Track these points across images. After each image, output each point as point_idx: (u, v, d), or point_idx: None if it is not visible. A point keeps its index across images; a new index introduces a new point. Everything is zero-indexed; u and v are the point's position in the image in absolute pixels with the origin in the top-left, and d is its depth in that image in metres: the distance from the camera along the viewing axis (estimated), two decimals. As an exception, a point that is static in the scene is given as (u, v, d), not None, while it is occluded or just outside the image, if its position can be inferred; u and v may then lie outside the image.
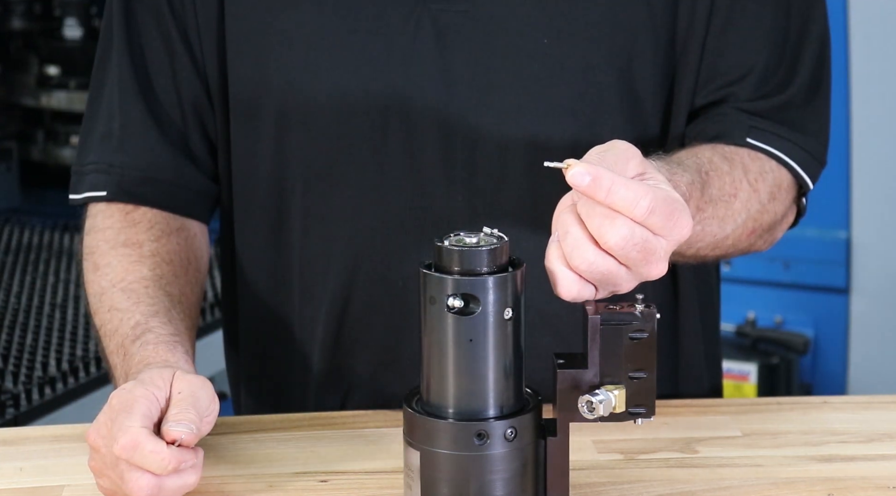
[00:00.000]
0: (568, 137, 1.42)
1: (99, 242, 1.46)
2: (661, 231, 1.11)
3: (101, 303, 1.41)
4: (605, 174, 1.09)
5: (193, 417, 1.18)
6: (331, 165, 1.44)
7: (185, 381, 1.22)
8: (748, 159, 1.43)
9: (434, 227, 1.41)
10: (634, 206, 1.10)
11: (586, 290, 1.13)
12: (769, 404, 1.43)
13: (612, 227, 1.10)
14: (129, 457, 1.16)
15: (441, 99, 1.41)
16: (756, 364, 3.24)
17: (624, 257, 1.11)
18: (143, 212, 1.48)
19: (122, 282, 1.41)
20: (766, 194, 1.42)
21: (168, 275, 1.43)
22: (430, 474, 1.13)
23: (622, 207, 1.10)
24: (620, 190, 1.09)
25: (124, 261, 1.43)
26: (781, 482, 1.26)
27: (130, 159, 1.48)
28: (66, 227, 3.32)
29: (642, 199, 1.10)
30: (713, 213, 1.36)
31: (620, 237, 1.10)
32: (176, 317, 1.38)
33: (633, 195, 1.10)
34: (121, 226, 1.47)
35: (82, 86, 3.68)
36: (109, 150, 1.49)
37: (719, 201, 1.37)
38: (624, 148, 1.16)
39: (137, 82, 1.48)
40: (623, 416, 1.15)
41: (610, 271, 1.12)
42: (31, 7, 3.87)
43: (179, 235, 1.48)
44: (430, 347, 1.12)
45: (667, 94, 1.46)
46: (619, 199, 1.10)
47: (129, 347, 1.34)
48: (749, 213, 1.40)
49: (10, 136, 3.77)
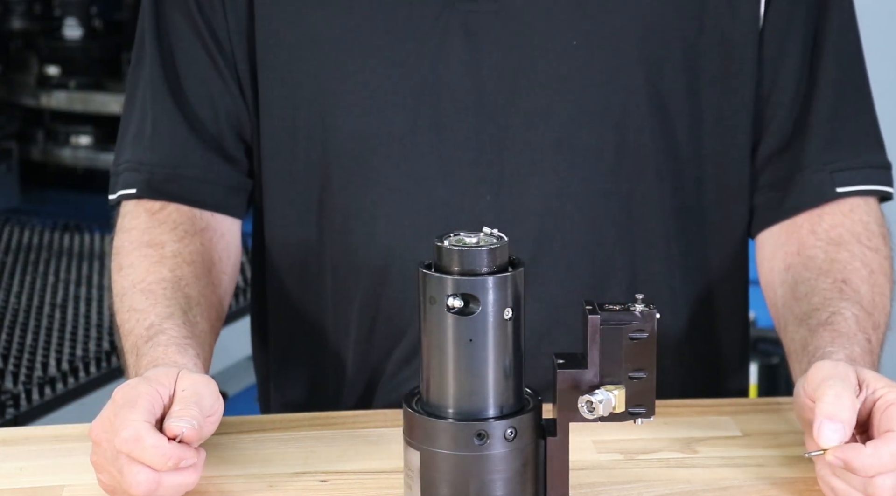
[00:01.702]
0: (595, 139, 1.43)
1: (124, 243, 1.47)
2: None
3: (122, 304, 1.42)
4: (858, 459, 1.15)
5: (196, 414, 1.19)
6: (361, 164, 1.45)
7: (190, 380, 1.22)
8: (849, 236, 1.45)
9: (463, 226, 1.42)
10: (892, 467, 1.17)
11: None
12: (769, 404, 1.43)
13: (882, 489, 1.17)
14: (129, 450, 1.16)
15: (470, 99, 1.42)
16: (756, 364, 3.23)
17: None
18: (169, 212, 1.49)
19: (142, 284, 1.42)
20: (882, 244, 1.46)
21: (188, 277, 1.44)
22: (430, 474, 1.13)
23: (887, 470, 1.16)
24: (877, 465, 1.16)
25: (145, 261, 1.44)
26: (781, 482, 1.26)
27: (159, 157, 1.50)
28: (66, 227, 3.32)
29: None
30: (880, 331, 1.40)
31: (891, 491, 1.17)
32: (191, 319, 1.39)
33: (891, 461, 1.16)
34: (145, 226, 1.48)
35: (82, 86, 3.69)
36: (140, 149, 1.50)
37: (877, 317, 1.40)
38: (843, 374, 1.21)
39: (167, 82, 1.50)
40: (623, 416, 1.15)
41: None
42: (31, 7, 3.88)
43: (204, 236, 1.49)
44: (429, 347, 1.12)
45: (698, 97, 1.46)
46: (879, 470, 1.16)
47: (141, 348, 1.35)
48: (888, 279, 1.44)
49: (10, 136, 3.77)
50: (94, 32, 3.82)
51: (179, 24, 1.50)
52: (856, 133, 1.49)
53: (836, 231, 1.46)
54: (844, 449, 1.16)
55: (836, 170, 1.47)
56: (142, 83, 1.52)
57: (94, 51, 3.73)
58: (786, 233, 1.48)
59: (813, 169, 1.47)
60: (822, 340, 1.34)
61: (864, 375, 1.22)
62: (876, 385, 1.21)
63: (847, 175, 1.48)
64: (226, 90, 1.50)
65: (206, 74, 1.50)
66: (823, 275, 1.42)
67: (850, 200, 1.47)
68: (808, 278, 1.43)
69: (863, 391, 1.21)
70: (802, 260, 1.45)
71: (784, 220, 1.48)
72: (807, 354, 1.35)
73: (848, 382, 1.19)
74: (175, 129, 1.50)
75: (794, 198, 1.48)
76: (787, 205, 1.48)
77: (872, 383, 1.21)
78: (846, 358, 1.31)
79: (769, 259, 1.49)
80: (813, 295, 1.41)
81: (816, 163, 1.47)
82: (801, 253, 1.46)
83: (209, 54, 1.49)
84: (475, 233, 1.13)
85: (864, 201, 1.48)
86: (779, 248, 1.48)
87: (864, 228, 1.46)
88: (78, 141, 3.72)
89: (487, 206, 1.43)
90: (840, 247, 1.44)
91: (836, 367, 1.21)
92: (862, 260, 1.43)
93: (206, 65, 1.49)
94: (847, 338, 1.34)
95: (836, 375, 1.20)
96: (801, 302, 1.42)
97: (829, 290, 1.40)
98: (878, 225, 1.47)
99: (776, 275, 1.47)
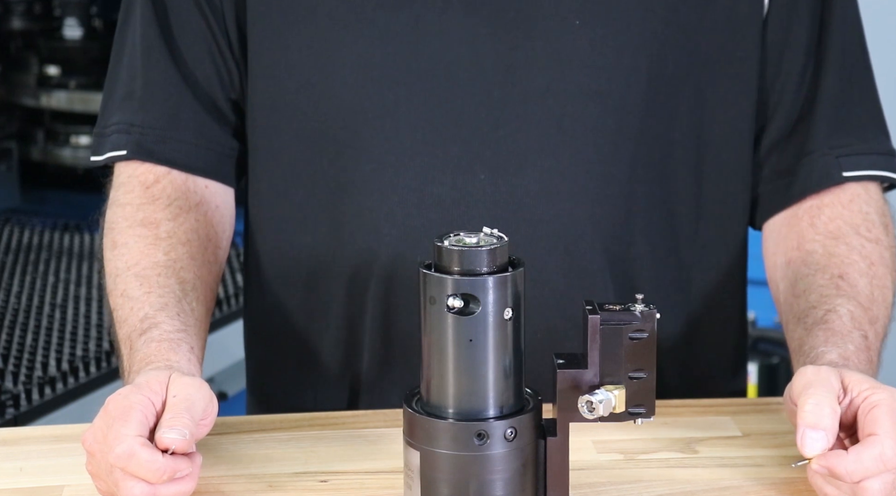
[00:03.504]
0: (594, 120, 1.41)
1: (118, 218, 1.45)
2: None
3: (115, 286, 1.41)
4: (841, 465, 1.16)
5: (187, 422, 1.18)
6: (353, 137, 1.43)
7: (181, 384, 1.21)
8: (848, 228, 1.45)
9: (455, 204, 1.41)
10: (881, 470, 1.16)
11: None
12: (769, 404, 1.43)
13: (870, 492, 1.17)
14: (124, 465, 1.16)
15: (467, 75, 1.41)
16: (756, 364, 3.23)
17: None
18: (163, 186, 1.46)
19: (137, 267, 1.40)
20: (883, 234, 1.45)
21: (184, 258, 1.42)
22: (430, 474, 1.13)
23: (872, 474, 1.16)
24: (860, 470, 1.16)
25: (140, 242, 1.42)
26: (781, 482, 1.26)
27: (152, 118, 1.47)
28: (66, 227, 3.32)
29: (882, 462, 1.16)
30: (879, 324, 1.39)
31: (879, 494, 1.17)
32: (186, 308, 1.38)
33: (874, 465, 1.16)
34: (140, 202, 1.45)
35: (82, 86, 3.68)
36: (131, 110, 1.48)
37: (875, 310, 1.40)
38: (824, 379, 1.21)
39: (163, 42, 1.47)
40: (623, 416, 1.15)
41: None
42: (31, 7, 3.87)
43: (199, 210, 1.47)
44: (430, 347, 1.12)
45: (699, 81, 1.45)
46: (863, 475, 1.16)
47: (135, 341, 1.34)
48: (890, 270, 1.44)
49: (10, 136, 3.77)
50: (94, 32, 3.81)
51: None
52: (862, 119, 1.49)
53: (834, 223, 1.45)
54: (828, 456, 1.16)
55: (842, 155, 1.47)
56: (129, 43, 1.49)
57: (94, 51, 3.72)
58: (787, 225, 1.48)
59: (819, 153, 1.47)
60: (816, 340, 1.34)
61: (849, 378, 1.22)
62: (860, 387, 1.20)
63: (854, 160, 1.47)
64: (218, 50, 1.48)
65: (202, 33, 1.47)
66: (821, 271, 1.42)
67: (849, 189, 1.46)
68: (807, 274, 1.42)
69: (847, 394, 1.21)
70: (802, 254, 1.44)
71: (790, 206, 1.48)
72: (802, 354, 1.35)
73: (829, 388, 1.19)
74: (169, 88, 1.47)
75: (801, 182, 1.47)
76: (794, 190, 1.47)
77: (857, 385, 1.21)
78: (839, 357, 1.31)
79: (772, 253, 1.49)
80: (810, 292, 1.40)
81: (823, 147, 1.47)
82: (800, 247, 1.45)
83: (202, 13, 1.47)
84: (475, 233, 1.12)
85: (864, 189, 1.47)
86: (780, 241, 1.48)
87: (863, 219, 1.45)
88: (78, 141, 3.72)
89: (481, 185, 1.41)
90: (838, 240, 1.43)
91: (819, 373, 1.21)
92: (860, 252, 1.42)
93: (201, 23, 1.47)
94: (841, 337, 1.34)
95: (817, 382, 1.20)
96: (799, 299, 1.41)
97: (825, 287, 1.40)
98: (880, 214, 1.46)
99: (778, 271, 1.47)
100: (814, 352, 1.33)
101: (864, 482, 1.16)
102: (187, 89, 1.47)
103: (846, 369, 1.25)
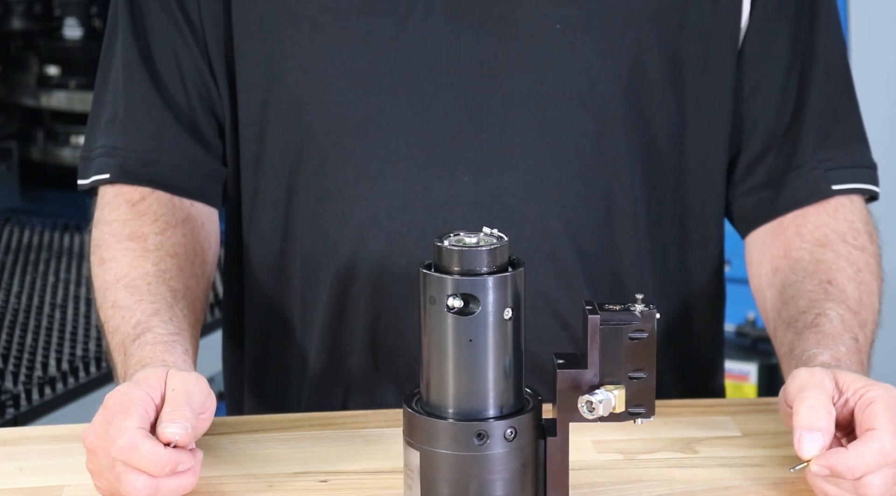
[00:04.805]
0: (575, 123, 1.42)
1: (105, 235, 1.46)
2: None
3: (105, 299, 1.41)
4: (842, 462, 1.16)
5: (188, 415, 1.18)
6: (337, 143, 1.43)
7: (179, 378, 1.22)
8: (834, 236, 1.45)
9: (439, 207, 1.41)
10: (882, 464, 1.16)
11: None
12: (769, 404, 1.43)
13: (872, 488, 1.17)
14: (126, 458, 1.16)
15: (449, 79, 1.41)
16: (756, 364, 3.23)
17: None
18: (150, 203, 1.47)
19: (126, 279, 1.41)
20: (868, 243, 1.46)
21: (172, 270, 1.43)
22: (430, 474, 1.13)
23: (873, 469, 1.17)
24: (861, 465, 1.16)
25: (128, 255, 1.43)
26: (781, 482, 1.26)
27: (134, 141, 1.48)
28: (66, 227, 3.32)
29: (882, 456, 1.16)
30: (868, 329, 1.40)
31: (881, 488, 1.17)
32: (178, 313, 1.38)
33: (875, 459, 1.16)
34: (126, 218, 1.46)
35: (82, 86, 3.68)
36: (114, 133, 1.49)
37: (864, 315, 1.40)
38: (818, 381, 1.21)
39: (143, 65, 1.48)
40: (623, 416, 1.15)
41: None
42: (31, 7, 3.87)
43: (185, 226, 1.47)
44: (429, 347, 1.12)
45: (678, 88, 1.46)
46: (865, 470, 1.16)
47: (129, 347, 1.34)
48: (875, 277, 1.44)
49: (10, 136, 3.77)
50: (94, 32, 3.81)
51: (153, 6, 1.48)
52: (846, 132, 1.50)
53: (821, 231, 1.46)
54: (827, 455, 1.16)
55: (830, 168, 1.48)
56: (114, 67, 1.50)
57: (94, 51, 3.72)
58: (772, 235, 1.48)
59: (808, 167, 1.48)
60: (807, 343, 1.35)
61: (843, 378, 1.22)
62: (856, 385, 1.21)
63: (841, 173, 1.48)
64: (198, 72, 1.48)
65: (181, 56, 1.48)
66: (809, 277, 1.42)
67: (834, 200, 1.48)
68: (795, 281, 1.43)
69: (843, 394, 1.21)
70: (789, 262, 1.45)
71: (777, 217, 1.48)
72: (794, 358, 1.35)
73: (823, 389, 1.20)
74: (151, 111, 1.48)
75: (789, 195, 1.48)
76: (782, 202, 1.48)
77: (852, 384, 1.21)
78: (831, 358, 1.31)
79: (757, 262, 1.49)
80: (799, 298, 1.41)
81: (811, 161, 1.48)
82: (787, 255, 1.46)
83: (181, 35, 1.47)
84: (475, 233, 1.13)
85: (848, 200, 1.48)
86: (766, 250, 1.48)
87: (849, 227, 1.46)
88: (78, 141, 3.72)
89: (465, 187, 1.42)
90: (825, 247, 1.44)
91: (812, 375, 1.22)
92: (847, 258, 1.43)
93: (180, 46, 1.47)
94: (832, 339, 1.34)
95: (811, 384, 1.20)
96: (788, 305, 1.42)
97: (814, 292, 1.40)
98: (864, 223, 1.48)
99: (764, 279, 1.48)
100: (805, 354, 1.33)
101: (865, 477, 1.16)
102: (169, 112, 1.48)
103: (839, 370, 1.25)
